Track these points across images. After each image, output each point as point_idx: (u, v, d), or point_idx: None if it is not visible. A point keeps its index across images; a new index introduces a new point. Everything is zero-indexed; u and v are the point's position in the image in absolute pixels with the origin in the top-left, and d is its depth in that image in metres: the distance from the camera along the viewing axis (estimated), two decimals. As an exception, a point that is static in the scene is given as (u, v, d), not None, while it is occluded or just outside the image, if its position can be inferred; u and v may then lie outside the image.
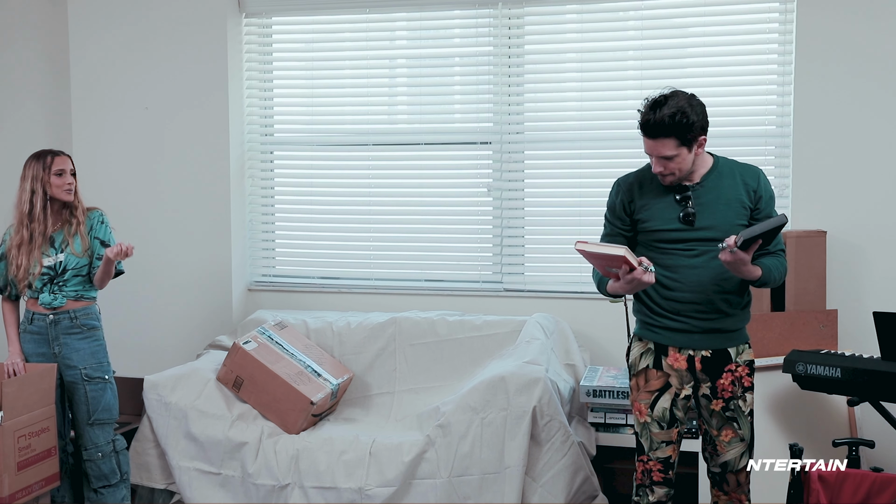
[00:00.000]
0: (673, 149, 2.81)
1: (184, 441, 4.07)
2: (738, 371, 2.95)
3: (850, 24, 4.07)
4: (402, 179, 4.85)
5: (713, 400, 2.96)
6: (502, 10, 4.59)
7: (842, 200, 4.13)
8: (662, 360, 2.98)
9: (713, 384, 2.95)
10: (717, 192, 2.91)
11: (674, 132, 2.78)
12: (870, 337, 3.47)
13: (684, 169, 2.86)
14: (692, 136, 2.81)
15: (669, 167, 2.85)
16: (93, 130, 4.99)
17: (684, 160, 2.84)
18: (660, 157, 2.84)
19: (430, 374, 4.41)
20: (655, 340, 2.99)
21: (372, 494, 3.81)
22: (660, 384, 2.98)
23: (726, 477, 3.00)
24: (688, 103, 2.80)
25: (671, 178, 2.89)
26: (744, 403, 2.95)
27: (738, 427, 2.96)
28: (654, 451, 3.00)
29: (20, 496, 3.62)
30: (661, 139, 2.80)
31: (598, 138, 4.54)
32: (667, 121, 2.77)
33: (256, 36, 4.96)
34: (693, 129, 2.80)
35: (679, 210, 2.91)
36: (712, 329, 2.93)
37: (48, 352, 3.79)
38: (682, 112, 2.77)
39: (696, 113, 2.80)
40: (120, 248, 3.59)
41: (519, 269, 4.71)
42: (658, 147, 2.82)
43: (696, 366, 2.95)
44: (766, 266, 2.88)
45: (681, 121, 2.77)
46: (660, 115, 2.77)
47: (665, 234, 2.93)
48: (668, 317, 2.95)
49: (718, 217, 2.90)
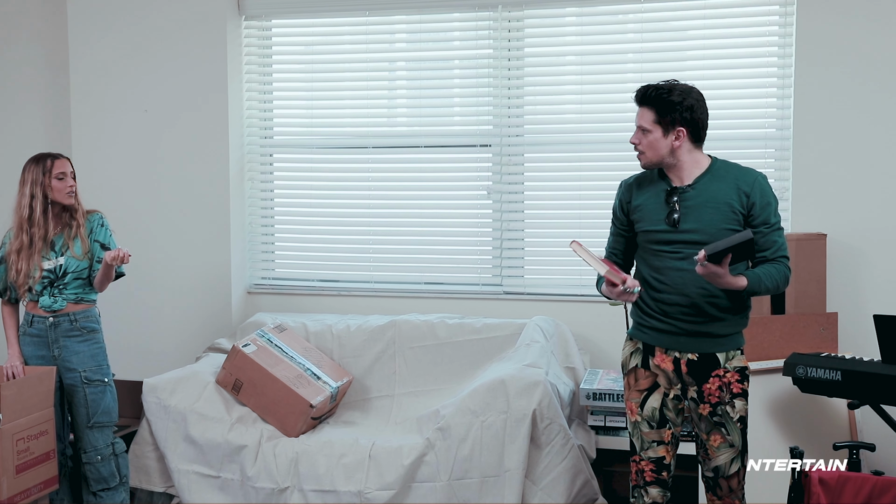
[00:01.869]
0: (649, 123, 2.89)
1: (183, 444, 4.07)
2: (727, 377, 2.93)
3: (850, 26, 4.07)
4: (401, 182, 4.85)
5: (700, 404, 2.95)
6: (502, 12, 4.59)
7: (842, 203, 4.13)
8: (650, 360, 3.00)
9: (700, 388, 2.94)
10: (707, 195, 2.91)
11: (653, 103, 2.87)
12: (870, 340, 3.47)
13: (656, 152, 2.91)
14: (671, 119, 2.86)
15: (642, 142, 2.92)
16: (92, 133, 4.98)
17: (657, 141, 2.89)
18: (637, 128, 2.93)
19: (430, 377, 4.40)
20: (643, 340, 3.02)
21: (371, 497, 3.80)
22: (648, 383, 3.00)
23: (718, 482, 3.00)
24: (688, 94, 2.88)
25: (643, 159, 2.95)
26: (732, 409, 2.93)
27: (727, 433, 2.94)
28: (644, 450, 3.02)
29: (19, 499, 3.62)
30: (642, 108, 2.91)
31: (597, 141, 4.54)
32: (653, 92, 2.88)
33: (256, 38, 4.96)
34: (673, 109, 2.85)
35: (667, 212, 2.93)
36: (699, 332, 2.92)
37: (48, 354, 3.79)
38: (673, 93, 2.86)
39: (684, 98, 2.86)
40: (118, 253, 3.60)
41: (519, 271, 4.71)
42: (638, 116, 2.93)
43: (682, 368, 2.95)
44: (756, 276, 2.85)
45: (663, 96, 2.86)
46: (652, 86, 2.89)
47: (653, 234, 2.97)
48: (656, 317, 2.97)
49: (704, 220, 2.89)
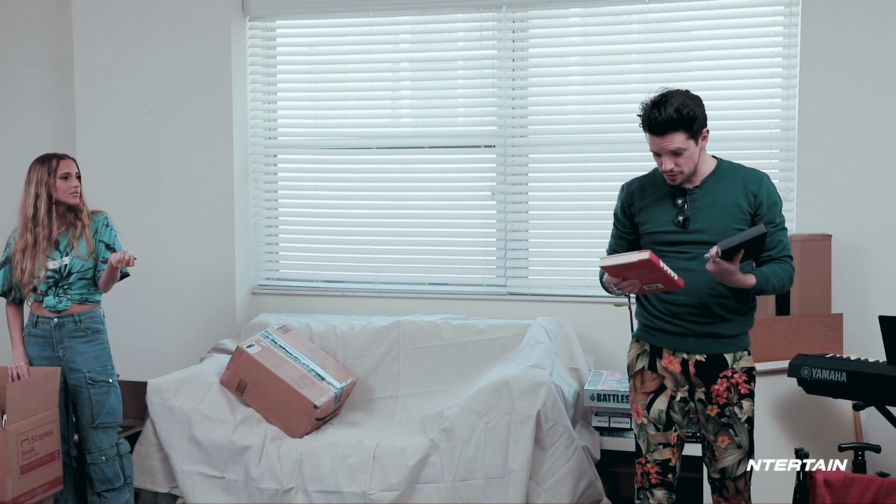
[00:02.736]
0: (682, 142, 2.85)
1: (187, 445, 4.07)
2: (735, 378, 2.93)
3: (855, 27, 4.06)
4: (405, 183, 4.85)
5: (708, 405, 2.95)
6: (506, 13, 4.59)
7: (847, 204, 4.12)
8: (657, 362, 2.99)
9: (708, 389, 2.94)
10: (715, 195, 2.92)
11: (682, 125, 2.84)
12: (875, 341, 3.47)
13: (692, 163, 2.89)
14: (698, 128, 2.87)
15: (679, 163, 2.88)
16: (97, 133, 4.99)
17: (693, 154, 2.88)
18: (669, 153, 2.87)
19: (434, 377, 4.40)
20: (651, 342, 3.01)
21: (375, 498, 3.80)
22: (655, 385, 2.99)
23: (725, 483, 3.00)
24: (688, 97, 2.88)
25: (681, 177, 2.91)
26: (740, 410, 2.93)
27: (735, 434, 2.94)
28: (650, 452, 3.01)
29: (23, 500, 3.62)
30: (669, 134, 2.84)
31: (602, 141, 4.53)
32: (674, 115, 2.82)
33: (260, 39, 4.96)
34: (698, 120, 2.87)
35: (675, 213, 2.93)
36: (707, 333, 2.92)
37: (52, 355, 3.79)
38: (686, 105, 2.84)
39: (697, 105, 2.87)
40: (123, 255, 3.61)
41: (523, 272, 4.71)
42: (666, 143, 2.86)
43: (689, 370, 2.95)
44: (764, 274, 2.86)
45: (687, 114, 2.83)
46: (666, 111, 2.83)
47: (660, 236, 2.96)
48: (664, 319, 2.97)
49: (713, 220, 2.90)
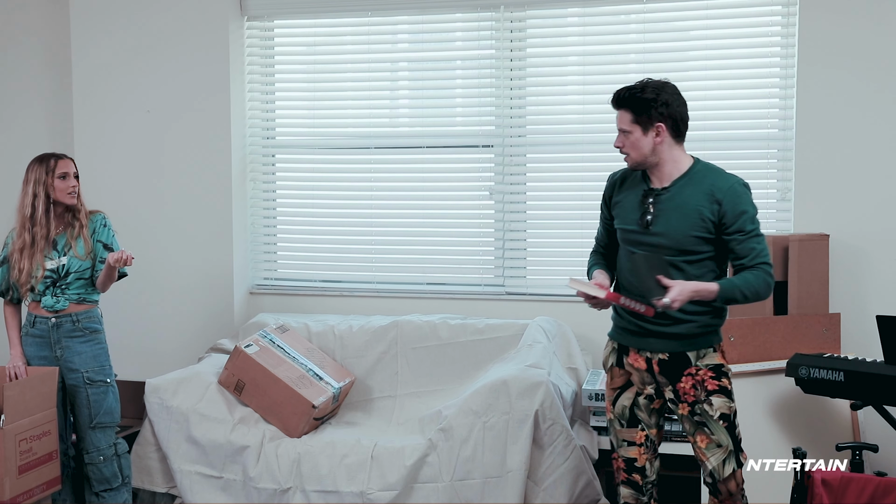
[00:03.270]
0: (627, 124, 2.88)
1: (185, 445, 4.07)
2: (700, 375, 2.90)
3: (853, 26, 4.06)
4: (403, 182, 4.84)
5: (679, 404, 2.95)
6: (504, 13, 4.59)
7: (845, 204, 4.12)
8: (624, 359, 3.03)
9: (674, 387, 2.95)
10: (679, 199, 2.88)
11: (627, 104, 2.86)
12: (873, 341, 3.47)
13: (639, 151, 2.89)
14: (646, 116, 2.84)
15: (625, 144, 2.91)
16: (94, 133, 4.98)
17: (638, 141, 2.87)
18: (620, 131, 2.91)
19: (432, 377, 4.40)
20: (618, 341, 3.06)
21: (374, 498, 3.80)
22: (621, 382, 3.05)
23: (718, 487, 2.97)
24: (663, 89, 2.86)
25: (629, 160, 2.94)
26: (710, 408, 2.89)
27: (711, 432, 2.91)
28: (619, 448, 3.07)
29: (21, 500, 3.62)
30: (619, 110, 2.90)
31: (599, 141, 4.52)
32: (625, 93, 2.86)
33: (258, 39, 4.96)
34: (648, 106, 2.83)
35: (641, 212, 2.94)
36: (666, 333, 2.91)
37: (50, 355, 3.79)
38: (644, 88, 2.85)
39: (658, 94, 2.84)
40: (121, 255, 3.61)
41: (521, 272, 4.71)
42: (618, 119, 2.91)
43: (654, 368, 2.96)
44: (731, 283, 2.82)
45: (637, 95, 2.84)
46: (627, 89, 2.87)
47: (626, 234, 2.99)
48: (627, 319, 3.00)
49: (671, 226, 2.87)
